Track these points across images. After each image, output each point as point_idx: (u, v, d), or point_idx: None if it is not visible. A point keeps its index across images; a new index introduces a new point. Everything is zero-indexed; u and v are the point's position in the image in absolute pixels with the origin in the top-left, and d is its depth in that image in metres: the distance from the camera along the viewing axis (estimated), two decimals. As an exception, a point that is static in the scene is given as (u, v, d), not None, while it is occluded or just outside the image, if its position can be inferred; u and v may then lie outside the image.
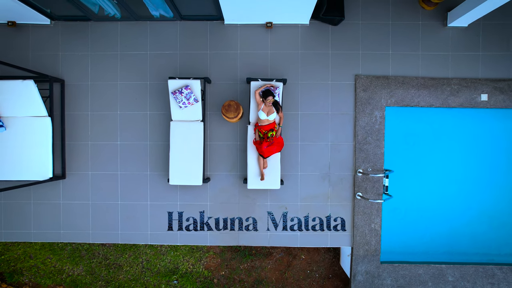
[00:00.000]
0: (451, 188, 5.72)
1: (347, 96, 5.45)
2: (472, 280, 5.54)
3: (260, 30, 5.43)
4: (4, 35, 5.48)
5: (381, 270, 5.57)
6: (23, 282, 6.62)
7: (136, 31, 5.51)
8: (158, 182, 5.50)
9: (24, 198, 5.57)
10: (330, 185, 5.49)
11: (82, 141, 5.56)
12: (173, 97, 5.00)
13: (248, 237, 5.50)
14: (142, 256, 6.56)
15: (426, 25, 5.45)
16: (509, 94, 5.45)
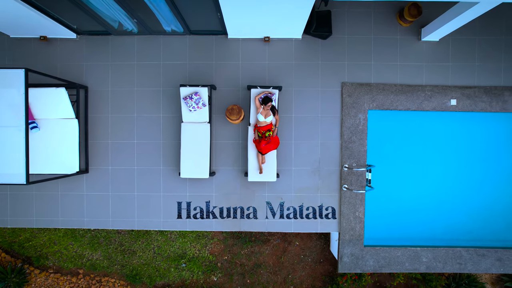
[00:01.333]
0: (426, 181, 6.58)
1: (334, 101, 6.30)
2: (443, 260, 6.39)
3: (259, 43, 6.27)
4: (36, 48, 6.31)
5: (364, 252, 6.41)
6: (48, 266, 7.44)
7: (151, 44, 6.34)
8: (170, 175, 6.33)
9: (53, 189, 6.40)
10: (320, 178, 6.34)
11: (103, 140, 6.38)
12: (184, 102, 5.84)
13: (249, 224, 6.34)
14: (154, 243, 7.39)
15: (403, 39, 6.30)
16: (474, 100, 6.30)
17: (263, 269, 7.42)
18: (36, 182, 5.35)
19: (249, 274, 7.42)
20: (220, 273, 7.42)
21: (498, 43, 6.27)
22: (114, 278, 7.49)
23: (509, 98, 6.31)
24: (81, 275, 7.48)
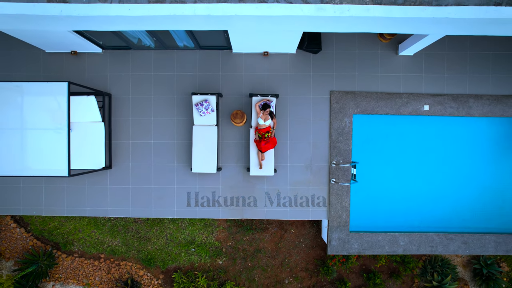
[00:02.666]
0: (404, 176, 7.68)
1: (324, 107, 7.39)
2: (417, 244, 7.49)
3: (259, 57, 7.36)
4: (68, 61, 7.38)
5: (350, 237, 7.51)
6: (73, 251, 8.52)
7: (166, 57, 7.42)
8: (182, 170, 7.42)
9: (81, 183, 7.47)
10: (311, 173, 7.43)
11: (125, 140, 7.46)
12: (196, 108, 6.92)
13: (250, 211, 7.44)
14: (166, 230, 8.48)
15: (383, 54, 7.39)
16: (444, 106, 7.39)
17: (262, 253, 8.51)
18: (74, 175, 6.43)
19: (250, 258, 8.52)
20: (225, 257, 8.52)
21: (463, 57, 7.37)
22: (131, 262, 8.57)
23: (473, 105, 7.41)
24: (102, 259, 8.56)
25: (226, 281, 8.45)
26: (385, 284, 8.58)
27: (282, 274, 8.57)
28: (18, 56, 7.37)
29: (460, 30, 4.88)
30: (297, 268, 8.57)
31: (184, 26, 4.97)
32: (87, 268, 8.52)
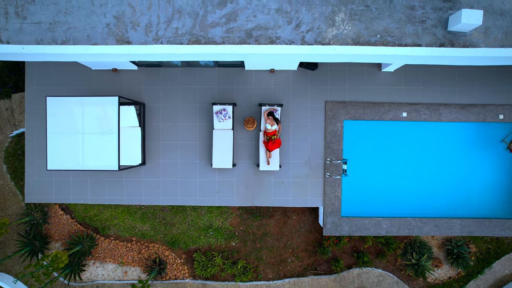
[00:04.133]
0: (386, 170, 9.46)
1: (320, 114, 9.18)
2: (397, 227, 9.28)
3: (267, 73, 9.15)
4: (109, 77, 9.18)
5: (341, 221, 9.30)
6: (110, 234, 10.33)
7: (190, 73, 9.21)
8: (204, 166, 9.22)
9: (120, 177, 9.28)
10: (310, 168, 9.22)
11: (156, 141, 9.26)
12: (216, 116, 8.72)
13: (259, 200, 9.23)
14: (188, 217, 10.28)
15: (368, 70, 9.17)
16: (419, 113, 9.17)
17: (269, 237, 10.31)
18: (123, 169, 8.24)
19: (259, 241, 10.32)
20: (237, 240, 10.32)
21: (435, 73, 9.14)
22: (158, 244, 10.38)
23: (443, 112, 9.19)
24: (134, 241, 10.37)
25: (239, 260, 10.26)
26: (372, 262, 10.38)
27: (286, 254, 10.38)
28: (69, 73, 9.17)
29: (417, 61, 6.69)
30: (298, 249, 10.37)
31: (212, 58, 6.77)
32: (121, 249, 10.33)
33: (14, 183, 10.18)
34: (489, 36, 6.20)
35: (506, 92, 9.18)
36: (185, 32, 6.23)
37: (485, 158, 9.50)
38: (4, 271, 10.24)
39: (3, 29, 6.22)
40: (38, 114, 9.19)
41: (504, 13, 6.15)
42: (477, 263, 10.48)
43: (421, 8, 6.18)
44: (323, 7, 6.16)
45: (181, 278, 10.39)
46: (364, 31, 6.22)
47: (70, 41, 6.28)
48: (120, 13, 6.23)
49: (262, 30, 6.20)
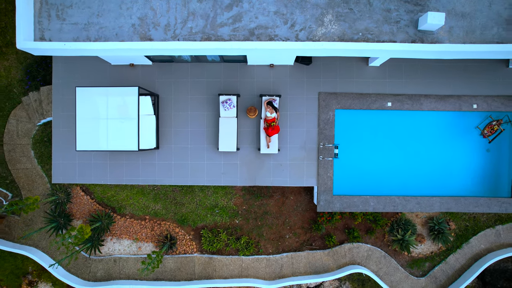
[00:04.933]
0: (374, 154, 10.72)
1: (314, 103, 10.44)
2: (383, 204, 10.53)
3: (267, 68, 10.41)
4: (127, 71, 10.45)
5: (333, 199, 10.56)
6: (126, 213, 11.60)
7: (199, 67, 10.47)
8: (211, 150, 10.48)
9: (136, 159, 10.54)
10: (305, 152, 10.48)
11: (168, 128, 10.52)
12: (222, 105, 9.99)
13: (260, 180, 10.49)
14: (196, 197, 11.55)
15: (357, 65, 10.43)
16: (402, 102, 10.42)
17: (269, 215, 11.57)
18: (140, 151, 9.51)
19: (260, 219, 11.59)
20: (240, 218, 11.58)
21: (415, 67, 10.39)
22: (169, 222, 11.64)
23: (423, 102, 10.44)
24: (147, 220, 11.63)
25: (242, 236, 11.53)
26: (362, 238, 11.64)
27: (284, 231, 11.64)
28: (91, 68, 10.43)
29: (393, 55, 7.98)
30: (295, 226, 11.63)
31: (220, 53, 8.02)
32: (136, 227, 11.60)
33: (41, 167, 11.45)
34: (452, 34, 7.48)
35: (479, 84, 10.44)
36: (198, 31, 7.51)
37: (461, 143, 10.76)
38: (33, 245, 11.51)
39: (46, 29, 7.50)
40: (64, 104, 10.46)
41: (465, 15, 7.42)
42: (456, 239, 11.73)
43: (396, 11, 7.45)
44: (314, 10, 7.44)
45: (189, 252, 11.66)
46: (348, 30, 7.50)
47: (102, 39, 7.58)
48: (143, 15, 7.51)
49: (263, 29, 7.47)
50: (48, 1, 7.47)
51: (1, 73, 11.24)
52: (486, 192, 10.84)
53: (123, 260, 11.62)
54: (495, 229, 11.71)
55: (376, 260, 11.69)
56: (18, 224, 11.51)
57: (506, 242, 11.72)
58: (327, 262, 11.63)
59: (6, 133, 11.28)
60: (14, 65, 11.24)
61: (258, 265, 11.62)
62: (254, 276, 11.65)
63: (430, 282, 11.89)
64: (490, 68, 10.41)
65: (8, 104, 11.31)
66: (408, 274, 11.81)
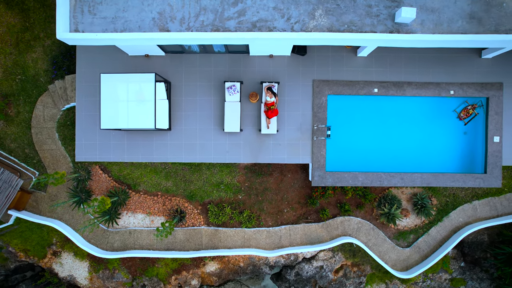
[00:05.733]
0: (362, 134, 12.13)
1: (308, 90, 11.85)
2: (370, 179, 11.91)
3: (267, 58, 11.82)
4: (142, 61, 11.87)
5: (326, 174, 11.95)
6: (140, 190, 13.01)
7: (206, 57, 11.89)
8: (217, 131, 11.89)
9: (150, 139, 11.94)
10: (301, 132, 11.89)
11: (179, 112, 11.94)
12: (227, 90, 11.41)
13: (261, 157, 11.89)
14: (203, 175, 12.95)
15: (347, 56, 11.84)
16: (387, 89, 11.82)
17: (269, 191, 12.97)
18: (157, 130, 10.93)
19: (261, 194, 12.99)
20: (243, 194, 12.98)
21: (400, 58, 11.80)
22: (179, 197, 13.04)
23: (407, 88, 11.84)
24: (159, 195, 13.04)
25: (244, 210, 12.93)
26: (353, 212, 13.04)
27: (282, 205, 13.04)
28: (111, 58, 11.85)
29: (374, 44, 9.40)
30: (293, 201, 13.03)
31: (227, 42, 9.41)
32: (149, 202, 13.00)
33: (64, 148, 12.87)
34: (424, 26, 8.89)
35: (455, 73, 11.84)
36: (208, 24, 8.93)
37: (440, 124, 12.16)
38: (57, 218, 12.91)
39: (80, 22, 8.93)
40: (86, 91, 11.87)
41: (434, 10, 8.84)
42: (438, 213, 13.12)
43: (376, 6, 8.87)
44: (306, 6, 8.86)
45: (197, 225, 13.06)
46: (335, 22, 8.91)
47: (127, 30, 9.00)
48: (162, 10, 8.94)
49: (263, 22, 8.90)
50: (81, -2, 8.90)
51: (29, 64, 12.68)
52: (462, 169, 12.24)
53: (137, 232, 13.04)
54: (472, 204, 13.10)
55: (365, 232, 13.08)
56: (44, 199, 12.93)
57: (482, 216, 13.11)
58: (321, 233, 13.03)
59: (34, 117, 12.71)
60: (41, 56, 12.67)
61: (259, 236, 13.02)
62: (256, 246, 13.06)
63: (414, 252, 13.28)
64: (465, 58, 11.82)
65: (35, 92, 12.74)
66: (395, 245, 13.20)
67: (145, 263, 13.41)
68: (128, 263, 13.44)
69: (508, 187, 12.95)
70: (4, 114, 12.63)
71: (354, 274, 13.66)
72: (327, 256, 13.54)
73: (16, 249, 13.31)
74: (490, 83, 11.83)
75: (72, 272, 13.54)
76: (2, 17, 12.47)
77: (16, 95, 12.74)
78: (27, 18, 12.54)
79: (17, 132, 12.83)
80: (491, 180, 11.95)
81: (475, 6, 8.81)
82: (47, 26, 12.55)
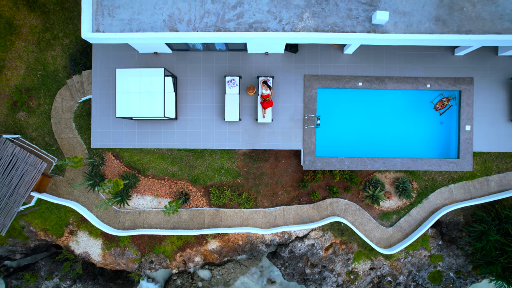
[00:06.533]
0: (348, 123, 13.65)
1: (300, 84, 13.38)
2: (356, 163, 13.43)
3: (263, 55, 13.35)
4: (152, 58, 13.40)
5: (316, 159, 13.47)
6: (148, 174, 14.52)
7: (208, 54, 13.42)
8: (219, 120, 13.41)
9: (158, 128, 13.47)
10: (293, 122, 13.41)
11: (184, 103, 13.46)
12: (227, 84, 12.94)
13: (257, 144, 13.41)
14: (206, 161, 14.46)
15: (335, 53, 13.37)
16: (371, 83, 13.35)
17: (265, 175, 14.49)
18: (166, 119, 12.46)
19: (257, 178, 14.51)
20: (242, 178, 14.50)
21: (381, 55, 13.33)
22: (183, 181, 14.56)
23: (388, 82, 13.37)
24: (166, 179, 14.55)
25: (243, 192, 14.45)
26: (341, 194, 14.55)
27: (277, 188, 14.57)
28: (123, 55, 13.38)
29: (357, 42, 10.92)
30: (286, 185, 14.55)
31: (227, 41, 10.94)
32: (156, 185, 14.52)
33: (80, 136, 14.38)
34: (396, 27, 10.42)
35: (431, 69, 13.37)
36: (211, 25, 10.46)
37: (419, 114, 13.69)
38: (74, 200, 14.43)
39: (100, 24, 10.46)
40: (101, 85, 13.39)
41: (405, 13, 10.37)
42: (418, 195, 14.64)
43: (355, 10, 10.39)
44: (296, 9, 10.39)
45: (200, 206, 14.58)
46: (321, 24, 10.44)
47: (141, 30, 10.52)
48: (171, 13, 10.47)
49: (259, 23, 10.42)
50: (102, 3, 10.42)
51: (49, 61, 14.21)
52: (438, 154, 13.77)
53: (146, 212, 14.55)
54: (448, 187, 14.63)
55: (352, 213, 14.60)
56: (62, 183, 14.45)
57: (457, 198, 14.63)
58: (312, 214, 14.55)
59: (53, 109, 14.23)
60: (59, 54, 14.20)
61: (256, 216, 14.55)
62: (253, 225, 14.58)
63: (396, 231, 14.81)
64: (440, 55, 13.36)
65: (54, 86, 14.26)
66: (379, 225, 14.72)
67: (153, 241, 14.94)
68: (137, 241, 14.96)
69: (480, 172, 14.48)
70: (27, 106, 14.15)
71: (343, 251, 15.18)
72: (317, 235, 15.06)
73: (36, 228, 14.83)
74: (462, 78, 13.37)
75: (87, 249, 15.06)
76: (25, 19, 14.00)
77: (37, 89, 14.26)
78: (48, 19, 14.07)
79: (38, 122, 14.35)
80: (463, 164, 13.48)
81: (440, 10, 10.34)
82: (65, 26, 14.08)
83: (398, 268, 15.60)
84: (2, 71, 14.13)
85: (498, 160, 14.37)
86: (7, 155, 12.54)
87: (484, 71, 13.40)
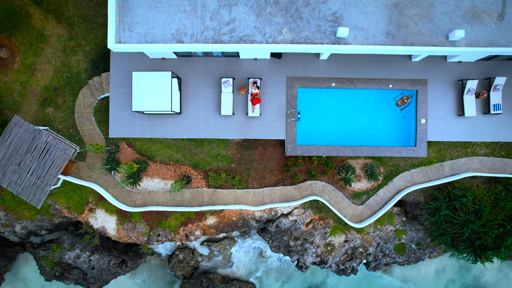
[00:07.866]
0: (324, 117, 16.62)
1: (283, 84, 16.34)
2: (330, 150, 16.37)
3: (252, 60, 16.31)
4: (160, 62, 16.35)
5: (296, 147, 16.42)
6: (156, 160, 17.46)
7: (208, 60, 16.36)
8: (216, 115, 16.37)
9: (165, 122, 16.41)
10: (278, 116, 16.38)
11: (187, 101, 16.41)
12: (223, 84, 15.91)
13: (249, 134, 16.37)
14: (205, 149, 17.41)
15: (312, 59, 16.32)
16: (342, 83, 16.30)
17: (255, 161, 17.45)
18: (172, 114, 15.43)
19: (248, 164, 17.46)
20: (235, 163, 17.45)
21: (350, 60, 16.28)
22: (186, 166, 17.49)
23: (357, 83, 16.32)
24: (171, 165, 17.49)
25: (236, 175, 17.41)
26: (318, 177, 17.51)
27: (265, 172, 17.52)
28: (136, 60, 16.32)
29: (326, 51, 13.90)
30: (273, 169, 17.51)
31: (222, 50, 13.88)
32: (163, 170, 17.45)
33: (99, 128, 17.31)
34: (356, 40, 13.39)
35: (393, 72, 16.34)
36: (209, 38, 13.42)
37: (383, 109, 16.65)
38: (93, 182, 17.36)
39: (122, 36, 13.41)
40: (118, 85, 16.33)
41: (363, 28, 13.34)
42: (384, 178, 17.61)
43: (323, 26, 13.36)
44: (276, 25, 13.35)
45: (200, 187, 17.53)
46: (296, 37, 13.41)
47: (154, 42, 13.47)
48: (178, 28, 13.42)
49: (247, 36, 13.38)
50: (123, 20, 13.37)
51: (73, 65, 17.14)
52: (399, 143, 16.75)
53: (154, 192, 17.49)
54: (410, 171, 17.60)
55: (328, 193, 17.56)
56: (83, 167, 17.38)
57: (417, 181, 17.60)
58: (294, 193, 17.51)
59: (77, 105, 17.17)
60: (82, 59, 17.13)
61: (247, 195, 17.50)
62: (245, 203, 17.54)
63: (366, 208, 17.77)
64: (400, 61, 16.34)
65: (77, 86, 17.20)
66: (351, 203, 17.68)
67: (160, 217, 17.87)
68: (146, 217, 17.90)
69: (436, 159, 17.45)
70: (54, 102, 17.08)
71: (321, 226, 18.14)
72: (299, 212, 18.01)
73: (61, 206, 17.77)
74: (418, 79, 16.36)
75: (104, 224, 18.01)
76: (53, 29, 16.93)
77: (63, 88, 17.19)
78: (72, 30, 17.00)
79: (63, 116, 17.27)
80: (419, 151, 16.46)
81: (390, 27, 13.32)
82: (87, 36, 17.02)
83: (368, 241, 18.57)
84: (34, 73, 17.06)
85: (450, 148, 17.35)
86: (42, 143, 15.44)
87: (436, 74, 16.38)
